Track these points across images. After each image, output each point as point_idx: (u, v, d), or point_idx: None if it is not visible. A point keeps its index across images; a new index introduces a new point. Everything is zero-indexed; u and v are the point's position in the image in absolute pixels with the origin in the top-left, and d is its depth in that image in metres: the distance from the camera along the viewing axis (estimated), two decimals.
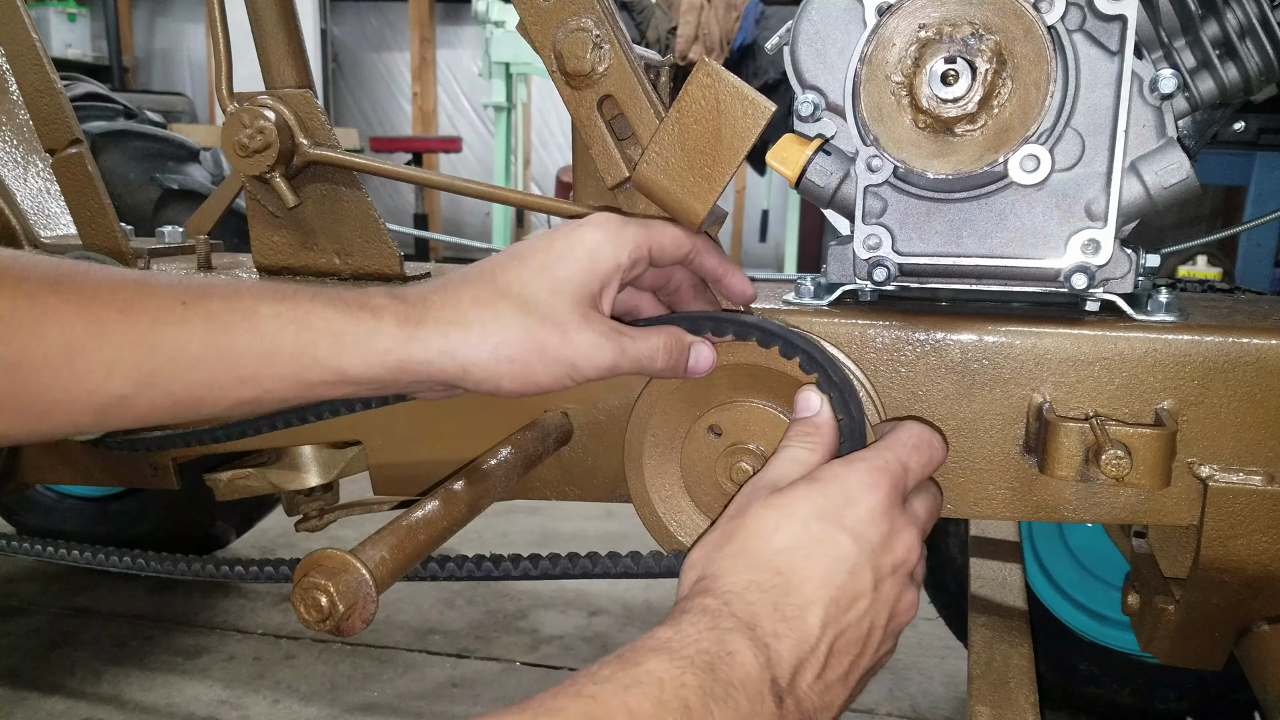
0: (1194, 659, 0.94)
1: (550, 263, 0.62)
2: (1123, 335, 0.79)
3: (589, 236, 0.64)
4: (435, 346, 0.59)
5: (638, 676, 0.46)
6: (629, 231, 0.65)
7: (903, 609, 0.60)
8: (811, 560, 0.56)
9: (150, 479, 1.14)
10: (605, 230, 0.64)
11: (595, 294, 0.63)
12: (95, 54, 7.15)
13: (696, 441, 0.81)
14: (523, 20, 0.83)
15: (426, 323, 0.60)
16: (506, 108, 4.93)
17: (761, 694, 0.50)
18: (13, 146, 1.28)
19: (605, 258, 0.63)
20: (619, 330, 0.64)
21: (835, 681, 0.56)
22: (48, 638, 1.82)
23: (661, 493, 0.82)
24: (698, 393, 0.80)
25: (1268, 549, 0.78)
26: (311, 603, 0.58)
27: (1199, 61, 0.81)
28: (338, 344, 0.58)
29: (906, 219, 0.81)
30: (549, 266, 0.62)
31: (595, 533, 2.36)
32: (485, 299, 0.61)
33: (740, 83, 0.74)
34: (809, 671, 0.54)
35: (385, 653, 1.76)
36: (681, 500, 0.82)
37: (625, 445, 0.82)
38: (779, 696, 0.51)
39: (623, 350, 0.64)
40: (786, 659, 0.52)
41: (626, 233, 0.65)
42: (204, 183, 1.95)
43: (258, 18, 1.01)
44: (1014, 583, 1.11)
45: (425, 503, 0.71)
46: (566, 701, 0.43)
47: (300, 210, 1.02)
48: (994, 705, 0.86)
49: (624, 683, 0.45)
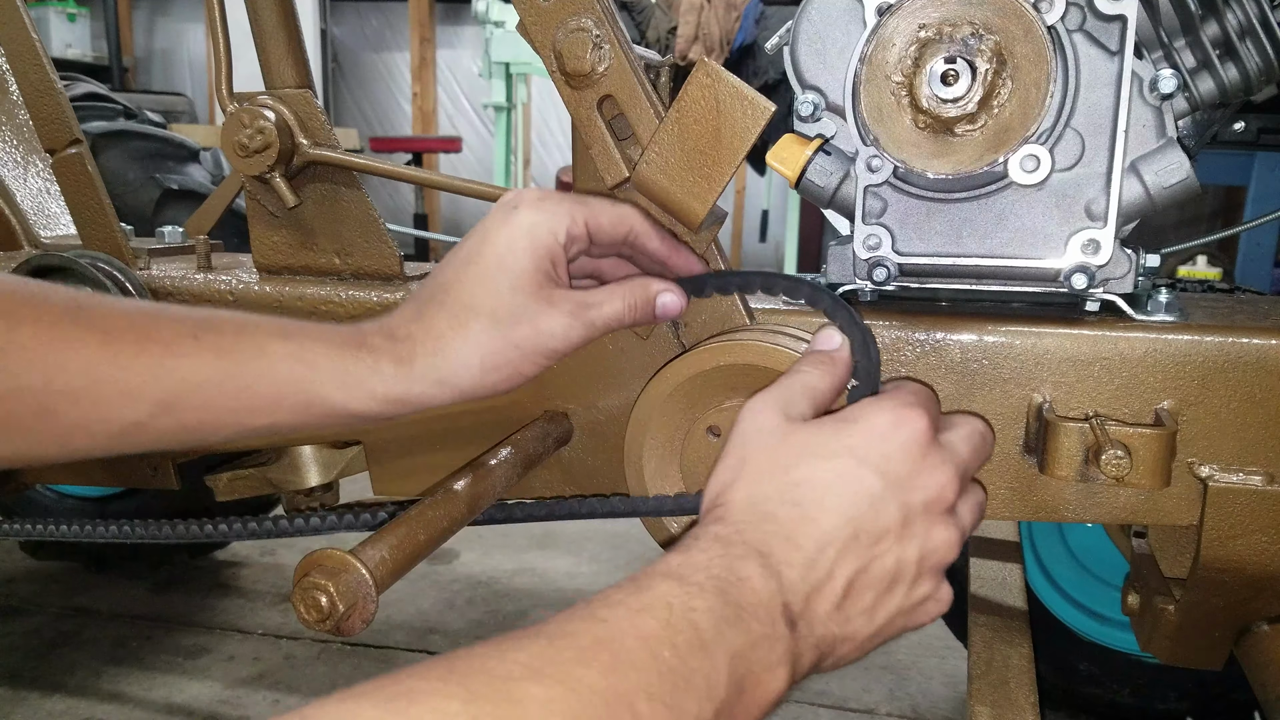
0: (1194, 659, 0.94)
1: (500, 260, 0.64)
2: (1123, 335, 0.79)
3: (524, 219, 0.65)
4: (430, 379, 0.64)
5: (647, 601, 0.46)
6: (564, 207, 0.66)
7: (936, 547, 0.58)
8: (831, 493, 0.55)
9: (150, 479, 1.14)
10: (540, 209, 0.66)
11: (549, 273, 0.66)
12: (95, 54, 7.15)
13: (696, 442, 0.81)
14: (523, 20, 0.83)
15: (417, 358, 0.64)
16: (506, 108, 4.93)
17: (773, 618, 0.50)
18: (13, 146, 1.28)
19: (545, 237, 0.65)
20: (583, 303, 0.67)
21: (858, 614, 0.55)
22: (48, 638, 1.82)
23: (661, 493, 0.82)
24: (698, 393, 0.80)
25: (1268, 549, 0.78)
26: (311, 603, 0.58)
27: (1199, 61, 0.81)
28: (341, 384, 0.63)
29: (906, 219, 0.81)
30: (501, 265, 0.65)
31: (596, 533, 2.36)
32: (462, 320, 0.64)
33: (740, 83, 0.74)
34: (824, 601, 0.53)
35: (385, 653, 1.76)
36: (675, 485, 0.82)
37: (625, 445, 0.82)
38: (791, 621, 0.51)
39: (590, 322, 0.67)
40: (799, 586, 0.52)
41: (562, 208, 0.66)
42: (204, 183, 1.95)
43: (258, 18, 1.01)
44: (1014, 583, 1.11)
45: (425, 503, 0.71)
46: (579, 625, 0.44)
47: (300, 210, 1.02)
48: (994, 705, 0.87)
49: (634, 607, 0.46)
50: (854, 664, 0.72)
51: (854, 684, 1.67)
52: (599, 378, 0.91)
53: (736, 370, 0.77)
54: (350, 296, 0.98)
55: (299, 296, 1.00)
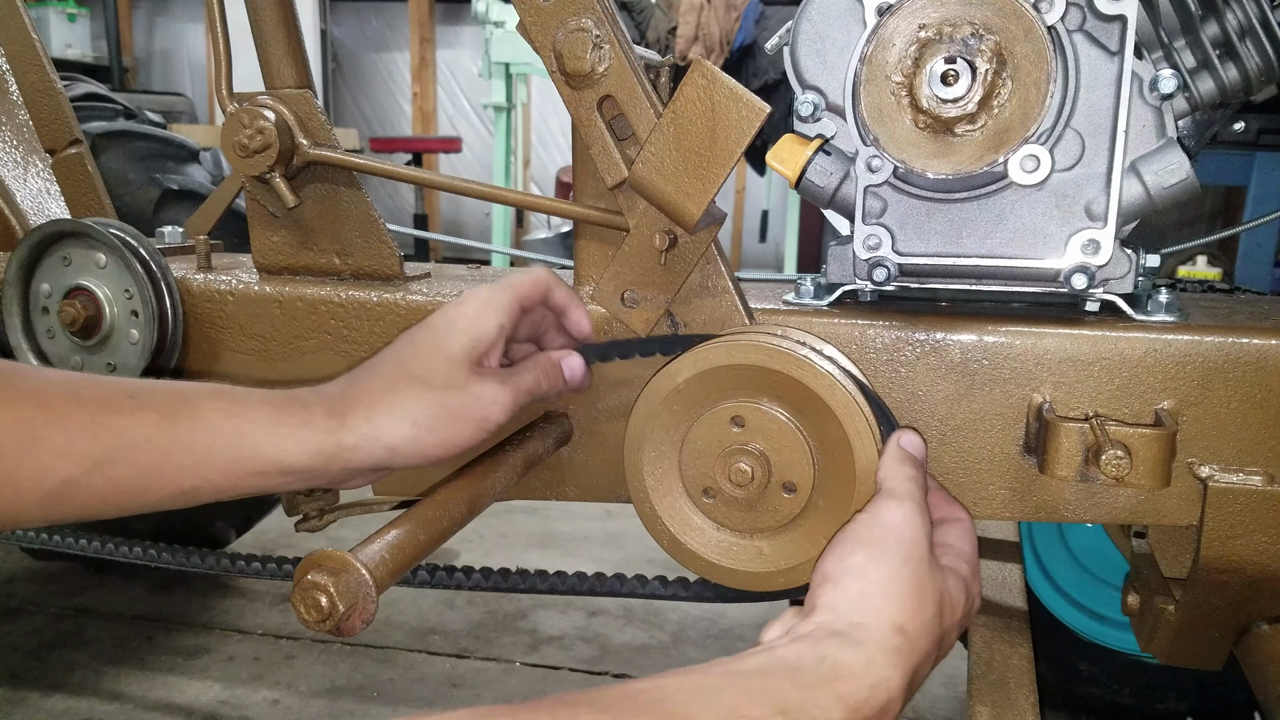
0: (1194, 659, 0.94)
1: (440, 340, 0.71)
2: (1123, 335, 0.79)
3: (468, 310, 0.73)
4: (362, 431, 0.67)
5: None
6: (500, 297, 0.74)
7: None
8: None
9: None
10: (479, 301, 0.73)
11: (483, 354, 0.72)
12: (95, 54, 7.15)
13: (696, 442, 0.81)
14: (523, 20, 0.83)
15: (350, 413, 0.67)
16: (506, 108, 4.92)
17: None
18: (13, 146, 1.28)
19: (486, 325, 0.73)
20: (509, 374, 0.74)
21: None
22: (48, 638, 1.82)
23: (661, 493, 0.82)
24: (697, 393, 0.80)
25: (1268, 549, 0.78)
26: (311, 603, 0.58)
27: (1199, 62, 0.81)
28: (274, 434, 0.65)
29: (906, 219, 0.81)
30: (440, 343, 0.71)
31: (595, 533, 2.36)
32: (396, 385, 0.69)
33: (735, 84, 0.74)
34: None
35: (385, 653, 1.76)
36: (681, 500, 0.82)
37: (625, 445, 0.82)
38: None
39: (516, 388, 0.73)
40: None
41: (498, 299, 0.74)
42: (204, 183, 1.94)
43: (258, 18, 1.00)
44: (1014, 583, 1.11)
45: (425, 503, 0.71)
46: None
47: (300, 210, 1.02)
48: (994, 705, 0.87)
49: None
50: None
51: None
52: (599, 378, 0.91)
53: (736, 370, 0.77)
54: (350, 296, 0.98)
55: (299, 297, 1.00)
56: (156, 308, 1.00)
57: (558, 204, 0.93)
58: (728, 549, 0.81)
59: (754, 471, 0.77)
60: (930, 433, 0.84)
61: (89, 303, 1.01)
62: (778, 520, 0.79)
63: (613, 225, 0.87)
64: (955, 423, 0.83)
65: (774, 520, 0.79)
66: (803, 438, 0.76)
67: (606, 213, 0.87)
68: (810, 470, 0.76)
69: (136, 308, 1.01)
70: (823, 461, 0.76)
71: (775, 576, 0.80)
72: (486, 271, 1.15)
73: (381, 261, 1.02)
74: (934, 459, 0.84)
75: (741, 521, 0.80)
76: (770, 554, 0.80)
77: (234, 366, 1.03)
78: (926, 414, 0.84)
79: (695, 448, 0.80)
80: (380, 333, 0.98)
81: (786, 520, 0.78)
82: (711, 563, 0.81)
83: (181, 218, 1.37)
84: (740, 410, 0.78)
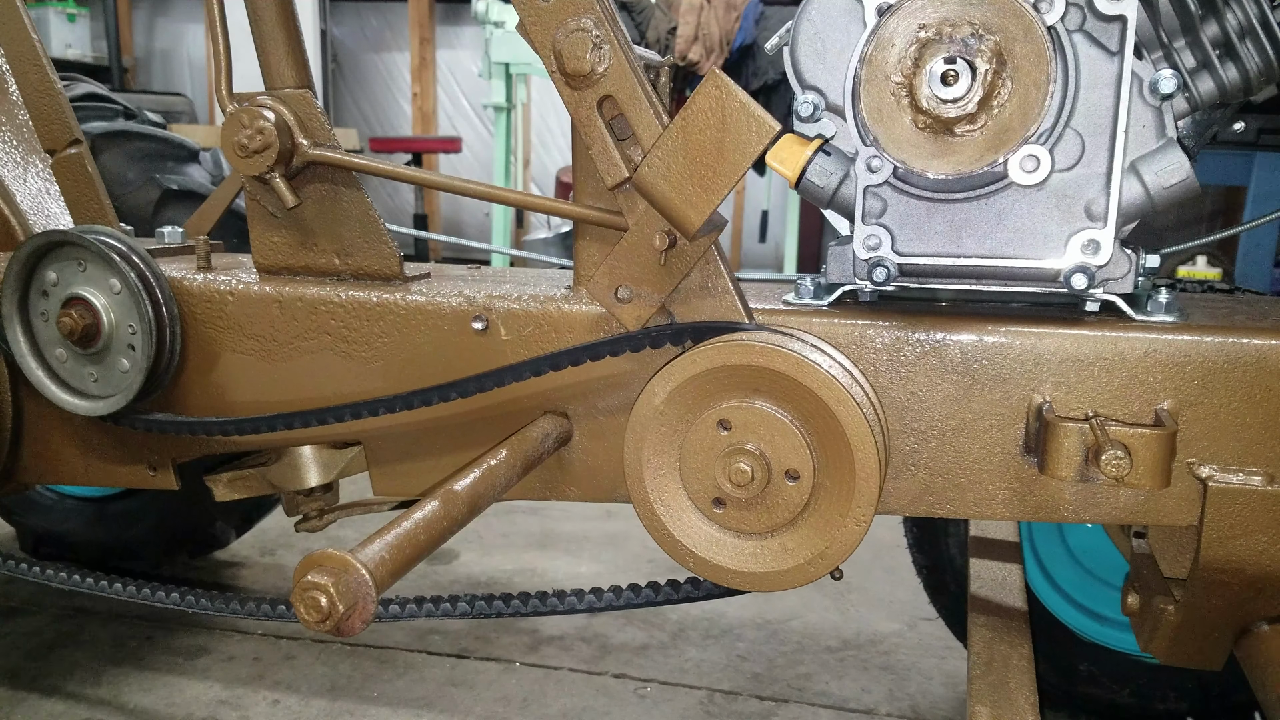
0: (1194, 659, 0.94)
1: None
2: (1122, 335, 0.79)
3: None
4: None
5: None
6: None
7: None
8: None
9: (149, 479, 1.14)
10: None
11: None
12: (95, 54, 7.14)
13: (695, 442, 0.81)
14: (523, 21, 0.83)
15: None
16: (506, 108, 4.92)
17: None
18: (13, 146, 1.28)
19: None
20: None
21: None
22: (48, 638, 1.82)
23: (661, 493, 0.82)
24: (697, 393, 0.80)
25: (1268, 549, 0.78)
26: (311, 603, 0.58)
27: (1199, 62, 0.81)
28: None
29: (906, 219, 0.82)
30: None
31: (595, 533, 2.36)
32: None
33: (748, 99, 0.74)
34: None
35: (385, 653, 1.76)
36: (681, 500, 0.82)
37: (625, 445, 0.82)
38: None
39: None
40: None
41: None
42: (204, 183, 1.94)
43: (258, 18, 1.01)
44: (1014, 583, 1.11)
45: (425, 503, 0.71)
46: None
47: (300, 210, 1.02)
48: (994, 705, 0.86)
49: None
50: (854, 664, 0.72)
51: (854, 684, 1.67)
52: (599, 377, 0.91)
53: (736, 370, 0.77)
54: (350, 296, 0.98)
55: (299, 297, 1.00)
56: (153, 316, 1.00)
57: (558, 204, 0.93)
58: (753, 554, 0.81)
59: (754, 470, 0.77)
60: (930, 433, 0.84)
61: (86, 312, 1.01)
62: (791, 511, 0.79)
63: (613, 225, 0.87)
64: (955, 423, 0.83)
65: (788, 512, 0.79)
66: (788, 422, 0.77)
67: (606, 213, 0.88)
68: (807, 452, 0.76)
69: (133, 321, 1.01)
70: (816, 440, 0.76)
71: (806, 568, 0.79)
72: (486, 272, 1.15)
73: (381, 261, 1.02)
74: (934, 459, 0.84)
75: (757, 522, 0.80)
76: (795, 546, 0.79)
77: (234, 367, 1.03)
78: (926, 414, 0.84)
79: (692, 462, 0.80)
80: (380, 333, 0.98)
81: (799, 509, 0.78)
82: (742, 573, 0.81)
83: (181, 218, 1.37)
84: (723, 414, 0.78)
